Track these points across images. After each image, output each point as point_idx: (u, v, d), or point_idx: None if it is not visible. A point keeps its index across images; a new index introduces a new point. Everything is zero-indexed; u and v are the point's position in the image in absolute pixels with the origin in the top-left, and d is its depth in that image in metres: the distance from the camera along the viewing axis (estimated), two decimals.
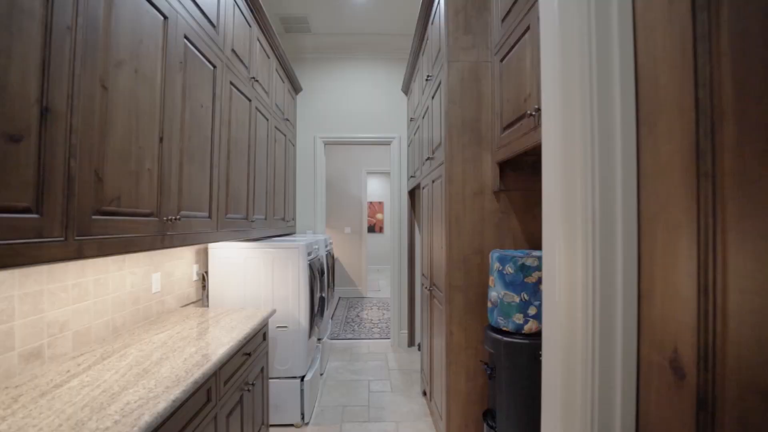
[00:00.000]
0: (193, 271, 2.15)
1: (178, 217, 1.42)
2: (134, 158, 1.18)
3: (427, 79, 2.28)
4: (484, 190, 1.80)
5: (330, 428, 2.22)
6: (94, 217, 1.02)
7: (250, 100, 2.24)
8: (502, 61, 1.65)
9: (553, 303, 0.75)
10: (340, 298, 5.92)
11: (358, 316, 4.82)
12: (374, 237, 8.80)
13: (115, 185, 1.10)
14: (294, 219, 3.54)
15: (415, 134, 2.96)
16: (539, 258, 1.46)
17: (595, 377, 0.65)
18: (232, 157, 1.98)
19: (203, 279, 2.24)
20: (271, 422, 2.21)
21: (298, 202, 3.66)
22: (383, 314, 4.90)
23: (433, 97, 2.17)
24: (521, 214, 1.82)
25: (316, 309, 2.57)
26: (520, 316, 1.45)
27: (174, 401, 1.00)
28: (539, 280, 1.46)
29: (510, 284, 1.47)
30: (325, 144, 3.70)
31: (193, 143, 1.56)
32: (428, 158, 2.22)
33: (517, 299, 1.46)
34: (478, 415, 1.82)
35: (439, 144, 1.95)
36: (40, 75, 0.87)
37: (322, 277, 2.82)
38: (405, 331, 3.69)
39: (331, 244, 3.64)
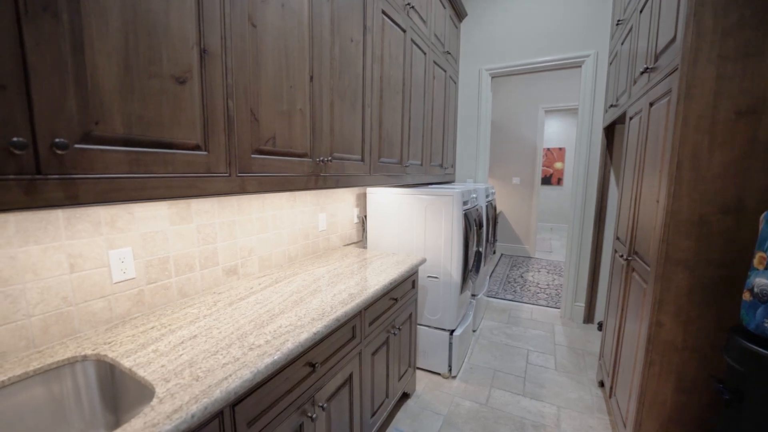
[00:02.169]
0: (353, 213, 2.29)
1: (330, 158, 1.44)
2: (286, 98, 1.20)
3: None
4: (759, 108, 1.05)
5: (478, 389, 2.08)
6: (252, 155, 1.09)
7: (404, 31, 2.03)
8: None
9: None
10: (502, 254, 5.50)
11: (522, 277, 4.34)
12: (549, 190, 7.61)
13: (270, 125, 1.15)
14: (453, 166, 3.30)
15: (623, 43, 2.09)
16: None
17: None
18: (385, 96, 1.88)
19: (363, 222, 2.38)
20: (418, 366, 2.26)
21: (458, 147, 3.38)
22: (553, 279, 4.24)
23: None
24: None
25: (471, 263, 2.36)
26: None
27: (315, 334, 1.03)
28: None
29: None
30: (492, 77, 3.17)
31: (343, 82, 1.51)
32: (645, 70, 1.49)
33: None
34: None
35: (671, 40, 1.24)
36: (195, 17, 0.91)
37: (480, 229, 2.55)
38: (581, 304, 3.05)
39: (493, 194, 3.25)
